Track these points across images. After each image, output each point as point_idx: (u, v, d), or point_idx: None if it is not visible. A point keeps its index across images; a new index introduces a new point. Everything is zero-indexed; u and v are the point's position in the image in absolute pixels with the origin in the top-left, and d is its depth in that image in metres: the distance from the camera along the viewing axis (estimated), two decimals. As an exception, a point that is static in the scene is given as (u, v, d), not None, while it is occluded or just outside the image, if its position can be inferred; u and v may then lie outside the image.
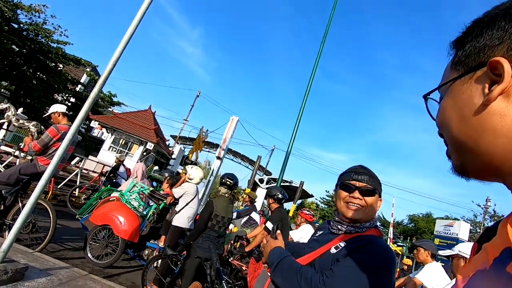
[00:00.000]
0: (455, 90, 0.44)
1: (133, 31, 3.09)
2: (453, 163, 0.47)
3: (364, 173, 1.24)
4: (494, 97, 0.38)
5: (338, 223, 1.24)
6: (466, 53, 0.44)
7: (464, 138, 0.42)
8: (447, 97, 0.46)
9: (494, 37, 0.40)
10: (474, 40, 0.43)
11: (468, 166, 0.44)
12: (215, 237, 3.24)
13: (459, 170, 0.46)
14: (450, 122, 0.45)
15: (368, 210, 1.19)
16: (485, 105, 0.39)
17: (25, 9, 14.23)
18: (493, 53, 0.40)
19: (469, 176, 0.45)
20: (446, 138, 0.47)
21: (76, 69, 20.87)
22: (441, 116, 0.47)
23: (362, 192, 1.20)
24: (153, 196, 4.69)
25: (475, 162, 0.43)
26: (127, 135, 19.39)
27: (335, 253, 1.13)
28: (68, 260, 3.81)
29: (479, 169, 0.43)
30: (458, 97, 0.43)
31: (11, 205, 3.72)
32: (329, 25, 8.87)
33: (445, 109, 0.46)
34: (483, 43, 0.41)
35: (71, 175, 8.73)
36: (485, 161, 0.41)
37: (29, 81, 15.25)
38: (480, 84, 0.40)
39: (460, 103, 0.43)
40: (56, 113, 3.83)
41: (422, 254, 3.26)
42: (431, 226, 27.78)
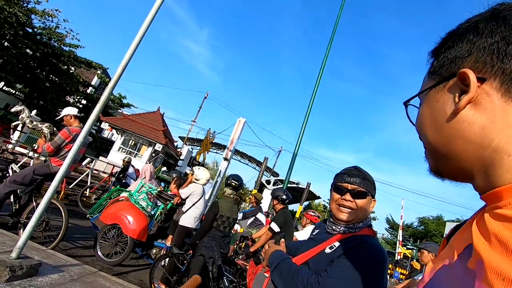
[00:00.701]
0: (430, 98, 0.47)
1: (142, 36, 3.19)
2: (430, 166, 0.51)
3: (356, 176, 1.25)
4: (462, 106, 0.41)
5: (333, 224, 1.27)
6: (440, 63, 0.47)
7: (438, 144, 0.46)
8: (424, 104, 0.49)
9: (464, 49, 0.43)
10: (447, 51, 0.46)
11: (441, 169, 0.48)
12: (220, 237, 3.31)
13: (435, 172, 0.50)
14: (425, 128, 0.48)
15: (359, 212, 1.22)
16: (455, 113, 0.42)
17: (38, 14, 14.67)
18: (463, 65, 0.42)
19: (443, 177, 0.49)
20: (423, 143, 0.51)
21: (87, 72, 21.40)
22: (419, 122, 0.50)
23: (353, 194, 1.22)
24: (161, 196, 4.79)
25: (447, 166, 0.46)
26: (136, 136, 19.70)
27: (329, 253, 1.17)
28: (79, 258, 3.94)
29: (451, 172, 0.47)
30: (433, 105, 0.46)
31: (26, 204, 3.88)
32: (337, 23, 8.83)
33: (422, 116, 0.49)
34: (454, 55, 0.44)
35: (82, 176, 8.94)
36: (456, 165, 0.44)
37: (42, 83, 15.70)
38: (451, 93, 0.43)
39: (434, 111, 0.46)
40: (68, 116, 3.97)
41: (426, 256, 3.26)
42: (441, 229, 27.29)
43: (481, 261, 0.34)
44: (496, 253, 0.33)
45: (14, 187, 3.69)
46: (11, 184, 3.65)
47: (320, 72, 8.51)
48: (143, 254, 4.69)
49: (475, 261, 0.35)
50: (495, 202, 0.38)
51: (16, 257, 2.56)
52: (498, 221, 0.36)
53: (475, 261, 0.35)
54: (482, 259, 0.34)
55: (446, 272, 0.43)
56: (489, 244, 0.35)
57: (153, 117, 21.48)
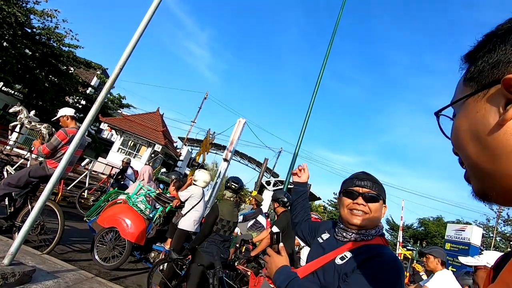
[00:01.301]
0: (468, 108, 0.42)
1: (139, 36, 3.11)
2: (473, 187, 0.44)
3: (367, 179, 1.21)
4: (509, 117, 0.35)
5: (343, 231, 1.21)
6: (478, 69, 0.41)
7: (481, 161, 0.39)
8: (461, 115, 0.43)
9: (508, 53, 0.37)
10: (487, 55, 0.40)
11: (489, 191, 0.41)
12: (220, 241, 3.22)
13: (481, 196, 0.43)
14: (465, 142, 0.42)
15: (372, 216, 1.17)
16: (501, 124, 0.36)
17: (37, 14, 14.61)
18: (507, 70, 0.37)
19: (492, 201, 0.42)
20: (463, 160, 0.44)
21: (86, 72, 21.36)
22: (455, 136, 0.44)
23: (366, 198, 1.18)
24: (160, 199, 4.71)
25: (495, 187, 0.40)
26: (136, 137, 19.62)
27: (341, 265, 1.10)
28: (76, 262, 3.85)
29: (502, 194, 0.40)
30: (472, 115, 0.41)
31: (21, 207, 3.79)
32: (337, 24, 8.79)
33: (459, 128, 0.43)
34: (496, 59, 0.39)
35: (80, 177, 8.85)
36: (505, 185, 0.38)
37: (42, 84, 15.64)
38: (494, 102, 0.38)
39: (474, 122, 0.40)
40: (64, 117, 3.88)
41: (432, 262, 3.18)
42: (441, 230, 27.22)
43: None
44: None
45: (8, 190, 3.60)
46: (5, 187, 3.56)
47: (320, 73, 8.45)
48: (141, 258, 4.60)
49: None
50: None
51: (9, 264, 2.47)
52: None
53: None
54: None
55: None
56: None
57: (152, 117, 21.39)
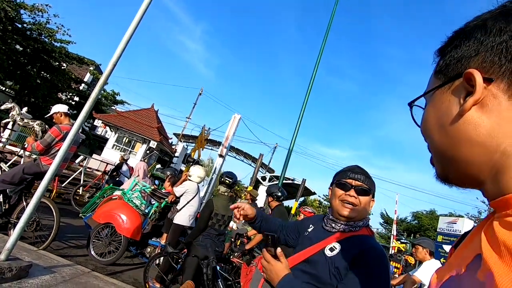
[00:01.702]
0: (436, 99, 0.45)
1: (132, 32, 3.12)
2: (436, 170, 0.48)
3: (361, 173, 1.26)
4: (467, 107, 0.39)
5: (333, 221, 1.25)
6: (446, 62, 0.45)
7: (444, 147, 0.44)
8: (430, 105, 0.47)
9: (471, 49, 0.41)
10: (454, 51, 0.44)
11: (449, 175, 0.45)
12: (215, 235, 3.28)
13: (442, 178, 0.47)
14: (431, 130, 0.46)
15: (361, 209, 1.22)
16: (461, 115, 0.40)
17: (28, 9, 14.31)
18: (469, 65, 0.40)
19: (451, 183, 0.46)
20: (429, 145, 0.48)
21: (79, 68, 21.01)
22: (424, 124, 0.48)
23: (358, 191, 1.22)
24: (155, 194, 4.74)
25: (454, 171, 0.44)
26: (130, 134, 19.51)
27: (331, 257, 1.13)
28: (72, 258, 3.88)
29: (459, 178, 0.44)
30: (438, 106, 0.44)
31: (16, 204, 3.80)
32: (332, 19, 8.83)
33: (427, 117, 0.47)
34: (460, 54, 0.42)
35: (75, 174, 8.82)
36: (463, 169, 0.42)
37: (33, 80, 15.40)
38: (457, 94, 0.42)
39: (440, 112, 0.44)
40: (58, 113, 3.88)
41: (421, 252, 3.28)
42: (434, 223, 27.65)
43: (491, 273, 0.32)
44: (506, 265, 0.31)
45: (3, 187, 3.60)
46: (0, 184, 3.56)
47: (315, 69, 8.49)
48: (137, 253, 4.65)
49: (484, 273, 0.34)
50: (504, 209, 0.36)
51: (5, 259, 2.50)
52: (508, 230, 0.34)
53: (484, 273, 0.34)
54: (491, 271, 0.32)
55: (455, 284, 0.41)
56: (499, 255, 0.33)
57: (147, 114, 21.26)
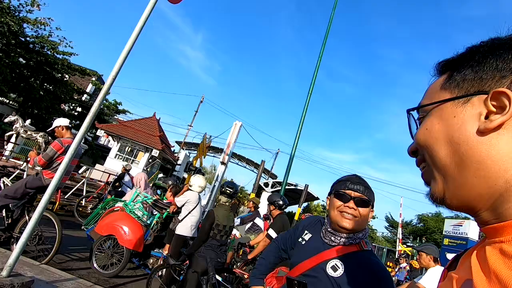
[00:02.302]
0: (445, 112, 0.43)
1: (132, 44, 3.15)
2: (433, 189, 0.45)
3: (360, 183, 1.23)
4: (493, 126, 0.37)
5: (332, 235, 1.21)
6: (464, 77, 0.43)
7: (449, 164, 0.41)
8: (434, 117, 0.45)
9: (500, 69, 0.40)
10: (476, 67, 0.42)
11: (446, 196, 0.43)
12: (217, 246, 3.26)
13: (437, 198, 0.44)
14: (436, 144, 0.43)
15: (361, 220, 1.19)
16: (480, 132, 0.38)
17: (31, 23, 14.56)
18: (496, 84, 0.39)
19: (446, 205, 0.44)
20: (428, 161, 0.45)
21: (81, 79, 21.27)
22: (424, 136, 0.45)
23: (357, 202, 1.19)
24: (156, 205, 4.74)
25: (454, 193, 0.42)
26: (133, 143, 19.60)
27: (336, 278, 1.10)
28: (74, 271, 3.88)
29: (457, 201, 0.42)
30: (448, 119, 0.42)
31: (18, 218, 3.80)
32: (330, 24, 8.89)
33: (432, 129, 0.44)
34: (485, 71, 0.41)
35: (78, 185, 8.85)
36: (463, 193, 0.40)
37: (37, 92, 15.58)
38: (475, 111, 0.40)
39: (450, 126, 0.42)
40: (59, 127, 3.91)
41: (425, 259, 3.23)
42: (441, 226, 27.31)
43: None
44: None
45: (5, 202, 3.62)
46: (2, 199, 3.58)
47: (315, 73, 8.53)
48: (140, 264, 4.63)
49: None
50: (498, 236, 0.36)
51: (7, 275, 2.50)
52: (499, 258, 0.34)
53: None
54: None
55: None
56: (489, 282, 0.33)
57: (149, 122, 21.39)
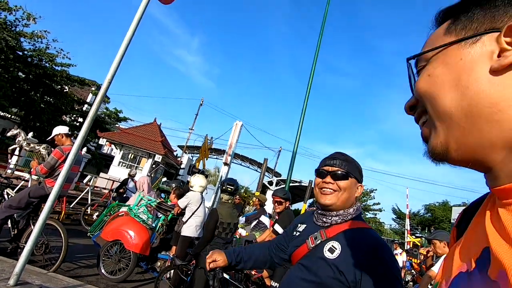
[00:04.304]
0: (450, 55, 0.39)
1: (125, 49, 3.16)
2: (433, 141, 0.40)
3: (336, 158, 1.22)
4: (506, 64, 0.33)
5: (322, 216, 1.20)
6: (473, 17, 0.38)
7: (456, 110, 0.37)
8: (437, 63, 0.40)
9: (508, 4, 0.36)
10: (486, 4, 0.38)
11: (452, 148, 0.38)
12: (222, 244, 3.26)
13: (440, 152, 0.39)
14: (440, 90, 0.39)
15: (341, 194, 1.17)
16: (493, 71, 0.34)
17: (27, 37, 14.68)
18: (510, 19, 0.35)
19: (450, 160, 0.39)
20: (430, 111, 0.40)
21: (81, 90, 21.40)
22: (426, 84, 0.40)
23: (334, 176, 1.18)
24: (161, 208, 4.75)
25: (462, 143, 0.37)
26: (135, 149, 19.69)
27: (333, 259, 1.06)
28: (83, 278, 3.89)
29: (464, 153, 0.37)
30: (454, 62, 0.38)
31: (24, 228, 3.83)
32: (325, 17, 8.86)
33: (435, 75, 0.40)
34: (497, 7, 0.37)
35: (82, 194, 8.91)
36: (474, 141, 0.36)
37: (37, 105, 15.70)
38: (486, 50, 0.36)
39: (456, 69, 0.37)
40: (59, 135, 3.93)
41: (439, 246, 3.15)
42: (448, 215, 27.15)
43: (504, 272, 0.29)
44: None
45: (10, 212, 3.64)
46: (6, 209, 3.60)
47: (313, 67, 8.50)
48: (148, 268, 4.63)
49: (496, 271, 0.30)
50: None
51: (14, 284, 2.52)
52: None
53: (496, 271, 0.30)
54: (504, 269, 0.29)
55: (465, 281, 0.36)
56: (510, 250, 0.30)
57: (150, 128, 21.48)
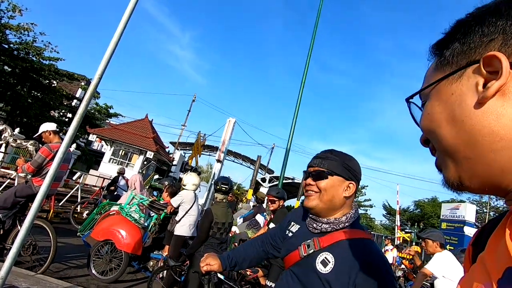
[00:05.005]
0: (442, 91, 0.40)
1: (116, 43, 3.04)
2: (446, 174, 0.41)
3: (318, 157, 1.14)
4: (490, 94, 0.34)
5: (314, 221, 1.13)
6: (453, 52, 0.40)
7: (458, 145, 0.38)
8: (433, 100, 0.42)
9: (486, 33, 0.37)
10: (462, 39, 0.39)
11: (464, 179, 0.39)
12: (217, 244, 3.21)
13: (455, 184, 0.40)
14: (439, 127, 0.40)
15: (323, 195, 1.08)
16: (480, 103, 0.35)
17: (13, 29, 14.20)
18: (485, 50, 0.36)
19: (466, 189, 0.40)
20: (436, 146, 0.42)
21: (70, 84, 20.85)
22: (427, 121, 0.42)
23: (313, 176, 1.11)
24: (153, 206, 4.66)
25: (472, 173, 0.38)
26: (126, 146, 19.39)
27: (324, 274, 1.00)
28: (72, 279, 3.79)
29: (478, 181, 0.38)
30: (447, 98, 0.40)
31: (10, 229, 3.69)
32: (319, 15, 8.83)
33: (432, 112, 0.41)
34: (472, 40, 0.38)
35: (72, 191, 8.70)
36: (483, 170, 0.36)
37: (24, 100, 15.26)
38: (472, 82, 0.37)
39: (449, 105, 0.39)
40: (47, 132, 3.79)
41: (431, 245, 3.18)
42: (437, 210, 27.68)
43: None
44: None
45: (-5, 212, 3.51)
46: (-9, 209, 3.47)
47: (306, 65, 8.46)
48: (140, 268, 4.55)
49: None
50: None
51: (0, 288, 2.41)
52: None
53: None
54: None
55: None
56: None
57: (141, 124, 21.16)
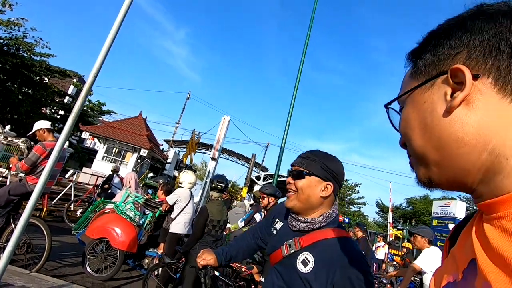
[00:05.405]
0: (416, 99, 0.44)
1: (111, 41, 3.03)
2: (418, 174, 0.45)
3: (301, 157, 1.16)
4: (456, 104, 0.38)
5: (294, 219, 1.14)
6: (425, 62, 0.44)
7: (427, 149, 0.41)
8: (409, 106, 0.45)
9: (453, 46, 0.40)
10: (433, 50, 0.43)
11: (433, 178, 0.43)
12: (212, 241, 3.25)
13: (425, 182, 0.44)
14: (413, 132, 0.44)
15: (300, 194, 1.10)
16: (448, 112, 0.39)
17: (3, 24, 13.92)
18: (453, 62, 0.40)
19: (436, 187, 0.44)
20: (409, 149, 0.46)
21: (62, 81, 20.53)
22: (403, 126, 0.46)
23: (293, 175, 1.13)
24: (148, 204, 4.67)
25: (439, 174, 0.42)
26: (120, 143, 19.22)
27: (305, 273, 1.01)
28: (67, 277, 3.79)
29: (445, 180, 0.42)
30: (419, 106, 0.43)
31: (4, 227, 3.66)
32: (313, 15, 8.86)
33: (407, 119, 0.45)
34: (441, 52, 0.42)
35: (65, 189, 8.62)
36: (450, 172, 0.40)
37: (15, 96, 14.99)
38: (441, 92, 0.40)
39: (422, 112, 0.42)
40: (41, 130, 3.76)
41: (420, 241, 3.28)
42: (428, 208, 28.09)
43: (488, 284, 0.31)
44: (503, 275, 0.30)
45: (-12, 211, 3.48)
46: (-15, 208, 3.44)
47: (301, 64, 8.50)
48: (135, 265, 4.57)
49: (481, 282, 0.33)
50: (495, 211, 0.35)
51: (-5, 286, 2.41)
52: (501, 236, 0.33)
53: (481, 282, 0.33)
54: (488, 281, 0.31)
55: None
56: (495, 263, 0.32)
57: (135, 122, 20.98)
